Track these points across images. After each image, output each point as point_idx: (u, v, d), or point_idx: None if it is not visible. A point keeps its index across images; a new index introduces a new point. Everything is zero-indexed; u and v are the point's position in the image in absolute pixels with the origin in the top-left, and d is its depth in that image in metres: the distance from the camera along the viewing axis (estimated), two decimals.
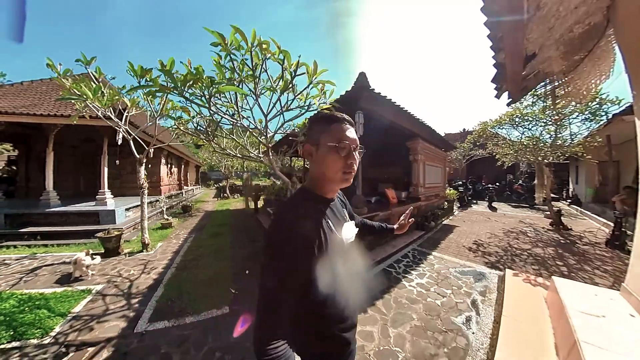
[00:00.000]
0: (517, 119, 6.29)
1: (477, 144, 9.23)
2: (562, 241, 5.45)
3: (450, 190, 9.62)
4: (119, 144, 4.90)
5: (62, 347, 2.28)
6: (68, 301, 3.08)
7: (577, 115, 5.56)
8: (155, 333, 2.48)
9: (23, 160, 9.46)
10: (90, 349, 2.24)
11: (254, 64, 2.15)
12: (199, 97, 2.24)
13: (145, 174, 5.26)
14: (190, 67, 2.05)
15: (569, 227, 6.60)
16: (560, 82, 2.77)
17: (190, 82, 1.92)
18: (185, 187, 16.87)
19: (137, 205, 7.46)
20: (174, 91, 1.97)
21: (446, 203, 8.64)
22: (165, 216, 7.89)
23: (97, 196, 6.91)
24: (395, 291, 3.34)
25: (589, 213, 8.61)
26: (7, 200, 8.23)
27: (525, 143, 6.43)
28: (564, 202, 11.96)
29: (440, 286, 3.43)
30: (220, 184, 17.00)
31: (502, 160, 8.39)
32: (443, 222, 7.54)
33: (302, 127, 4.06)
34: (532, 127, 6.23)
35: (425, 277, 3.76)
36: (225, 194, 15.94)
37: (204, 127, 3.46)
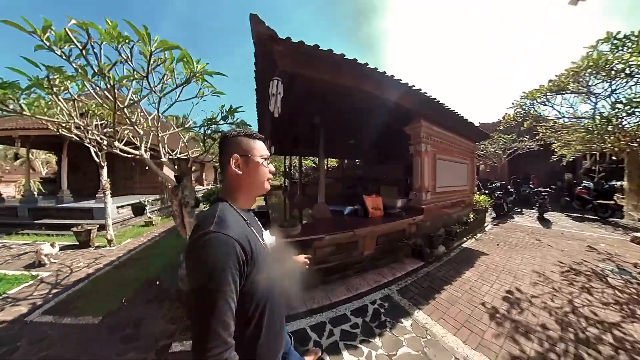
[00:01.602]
0: (588, 76, 3.76)
1: (522, 128, 6.56)
2: None
3: (480, 196, 7.15)
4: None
5: None
6: (12, 283, 3.63)
7: None
8: (35, 325, 2.67)
9: (60, 164, 11.76)
10: None
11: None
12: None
13: (107, 177, 5.88)
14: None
15: None
16: None
17: None
18: (199, 187, 18.00)
19: (130, 204, 8.64)
20: None
21: (472, 214, 6.26)
22: (149, 215, 8.41)
23: (97, 195, 7.86)
24: None
25: None
26: (50, 196, 10.17)
27: (609, 118, 3.86)
28: None
29: None
30: None
31: (560, 154, 5.81)
32: (463, 245, 5.26)
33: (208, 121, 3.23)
34: (620, 86, 3.65)
35: None
36: None
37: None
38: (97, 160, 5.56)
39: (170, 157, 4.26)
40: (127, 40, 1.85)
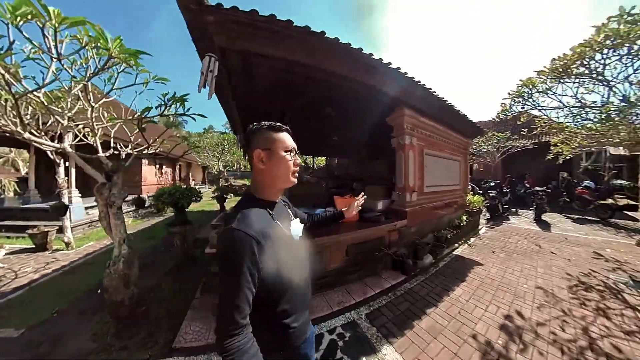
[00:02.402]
0: (606, 52, 3.11)
1: (518, 122, 5.97)
2: None
3: (474, 196, 6.54)
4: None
5: None
6: None
7: None
8: None
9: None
10: None
11: None
12: None
13: (64, 176, 5.59)
14: None
15: None
16: None
17: None
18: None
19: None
20: None
21: (465, 217, 5.64)
22: None
23: (61, 194, 7.19)
24: None
25: None
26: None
27: (635, 102, 3.22)
28: None
29: None
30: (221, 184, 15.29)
31: (556, 152, 5.37)
32: (454, 253, 4.61)
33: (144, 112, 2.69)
34: None
35: None
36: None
37: None
38: (52, 157, 5.12)
39: (119, 151, 3.66)
40: (29, 18, 1.58)
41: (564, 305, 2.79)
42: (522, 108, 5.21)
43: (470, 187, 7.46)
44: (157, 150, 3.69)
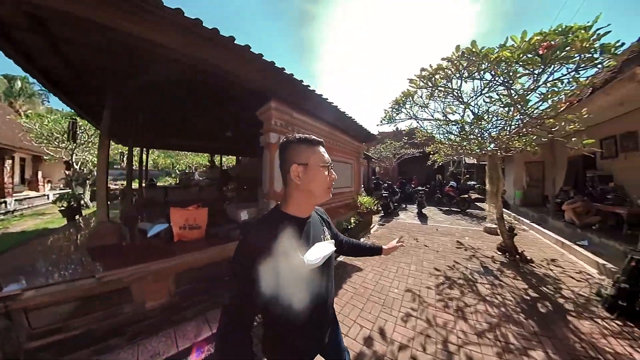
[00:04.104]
0: (462, 69, 3.07)
1: (402, 130, 6.28)
2: (535, 298, 2.38)
3: (365, 197, 6.45)
4: None
5: None
6: None
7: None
8: None
9: None
10: None
11: None
12: None
13: None
14: None
15: (528, 258, 3.82)
16: None
17: None
18: (34, 192, 11.79)
19: None
20: None
21: (354, 219, 5.33)
22: None
23: None
24: None
25: (526, 221, 6.42)
26: None
27: (480, 116, 3.33)
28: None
29: None
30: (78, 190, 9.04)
31: (433, 160, 5.76)
32: (339, 258, 4.10)
33: None
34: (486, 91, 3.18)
35: None
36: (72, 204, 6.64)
37: None
38: None
39: None
40: None
41: (428, 311, 2.42)
42: (398, 115, 5.24)
43: (362, 187, 7.48)
44: None
